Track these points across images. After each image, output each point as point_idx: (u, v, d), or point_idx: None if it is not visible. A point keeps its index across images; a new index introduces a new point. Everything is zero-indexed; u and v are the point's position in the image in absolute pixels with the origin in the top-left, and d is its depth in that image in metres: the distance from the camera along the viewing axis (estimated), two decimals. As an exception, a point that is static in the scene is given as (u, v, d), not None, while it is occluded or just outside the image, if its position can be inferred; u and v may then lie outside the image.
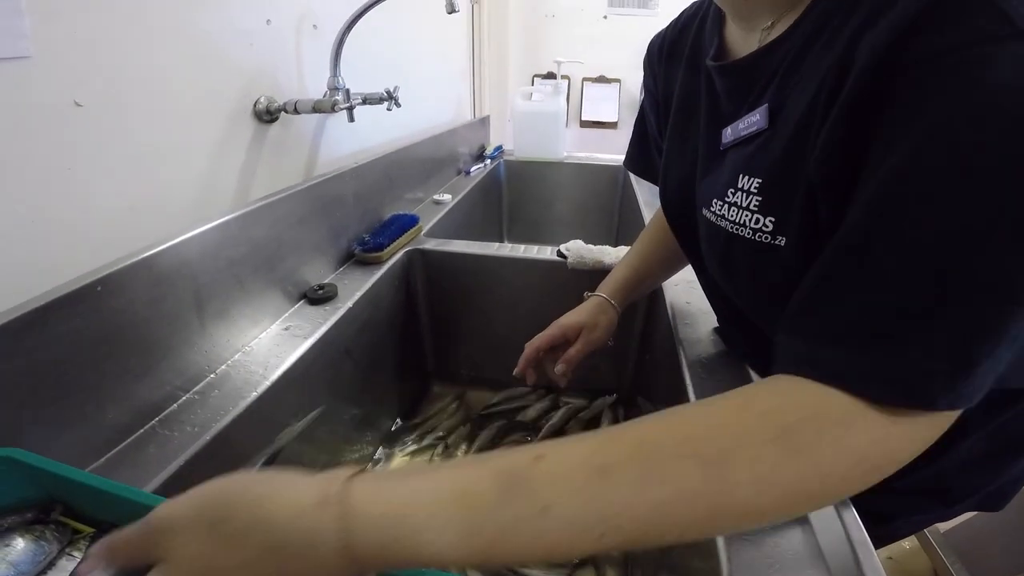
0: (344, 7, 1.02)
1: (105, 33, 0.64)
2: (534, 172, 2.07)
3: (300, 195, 0.89)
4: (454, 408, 1.16)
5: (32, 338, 0.49)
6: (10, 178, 0.55)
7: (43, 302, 0.50)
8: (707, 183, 0.56)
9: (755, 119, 0.49)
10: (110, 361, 0.57)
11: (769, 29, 0.50)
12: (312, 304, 0.88)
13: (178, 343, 0.66)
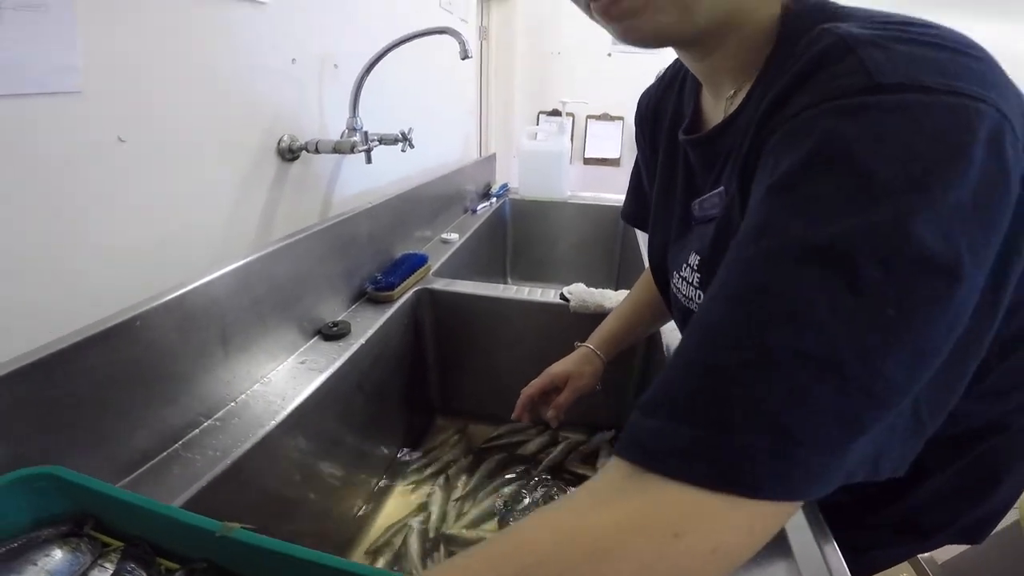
0: (362, 46, 1.08)
1: (148, 71, 0.68)
2: (538, 211, 2.13)
3: (318, 235, 0.94)
4: (456, 440, 1.20)
5: (76, 367, 0.54)
6: (53, 209, 0.58)
7: (87, 334, 0.55)
8: (674, 253, 0.60)
9: (715, 200, 0.52)
10: (141, 388, 0.61)
11: (732, 98, 0.53)
12: (326, 340, 0.93)
13: (202, 373, 0.70)
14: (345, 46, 1.08)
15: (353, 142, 0.96)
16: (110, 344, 0.57)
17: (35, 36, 0.57)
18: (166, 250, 0.72)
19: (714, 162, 0.54)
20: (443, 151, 1.83)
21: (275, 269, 0.83)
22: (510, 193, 2.19)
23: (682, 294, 0.55)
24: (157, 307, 0.63)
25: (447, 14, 1.73)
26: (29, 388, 0.50)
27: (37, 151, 0.57)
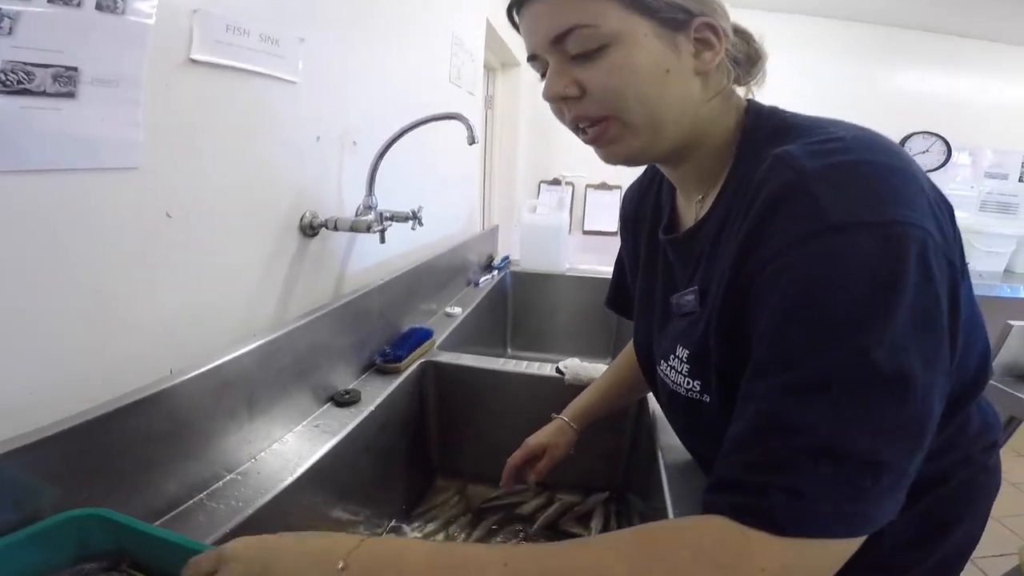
0: (378, 123, 1.21)
1: (196, 148, 0.76)
2: (538, 283, 2.23)
3: (336, 312, 1.05)
4: (456, 500, 1.26)
5: (119, 427, 0.62)
6: (103, 280, 0.65)
7: (135, 398, 0.64)
8: (660, 344, 0.70)
9: (690, 299, 0.62)
10: (173, 445, 0.70)
11: (701, 202, 0.64)
12: (339, 406, 1.03)
13: (228, 433, 0.79)
14: (364, 123, 1.20)
15: (369, 221, 1.06)
16: (151, 407, 0.66)
17: (107, 112, 0.62)
18: (196, 320, 0.80)
19: (689, 260, 0.64)
20: (449, 222, 1.94)
21: (297, 342, 0.94)
22: (511, 265, 2.29)
23: (670, 379, 0.63)
24: (197, 376, 0.73)
25: (456, 88, 1.87)
26: (79, 444, 0.58)
27: (95, 224, 0.64)
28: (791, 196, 0.46)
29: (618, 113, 0.56)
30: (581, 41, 0.54)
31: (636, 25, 0.54)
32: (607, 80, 0.55)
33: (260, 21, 0.84)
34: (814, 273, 0.43)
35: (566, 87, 0.57)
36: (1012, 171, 3.65)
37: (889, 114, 3.52)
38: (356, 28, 1.15)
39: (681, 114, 0.58)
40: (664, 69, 0.55)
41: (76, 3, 0.57)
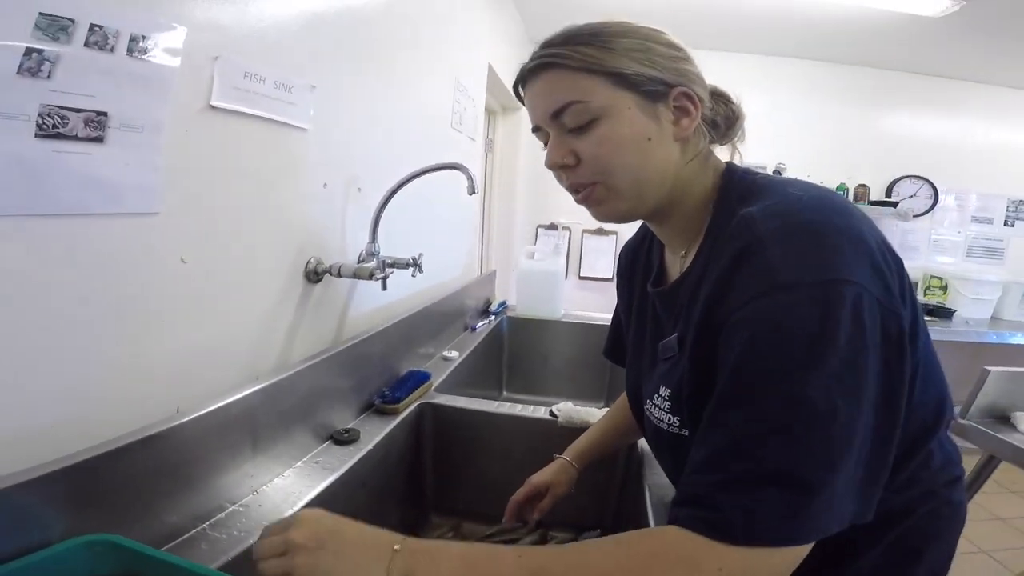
0: (382, 169, 1.25)
1: (210, 197, 0.78)
2: (534, 328, 2.27)
3: (338, 356, 1.08)
4: (450, 537, 1.25)
5: (132, 459, 0.65)
6: (116, 321, 0.67)
7: (144, 435, 0.66)
8: (647, 385, 0.76)
9: (672, 344, 0.68)
10: (181, 476, 0.72)
11: (684, 257, 0.71)
12: (338, 444, 1.05)
13: (232, 466, 0.81)
14: (369, 169, 1.25)
15: (371, 269, 1.09)
16: (159, 443, 0.68)
17: (131, 157, 0.64)
18: (204, 361, 0.82)
19: (672, 310, 0.71)
20: (448, 268, 1.99)
21: (300, 385, 0.96)
22: (508, 310, 2.33)
23: (654, 416, 0.70)
24: (206, 414, 0.75)
25: (457, 133, 1.93)
26: (90, 475, 0.60)
27: (112, 267, 0.66)
28: (749, 256, 0.54)
29: (605, 179, 0.64)
30: (575, 115, 0.62)
31: (621, 99, 0.62)
32: (597, 151, 0.63)
33: (275, 68, 0.89)
34: (762, 326, 0.51)
35: (564, 157, 0.65)
36: (997, 215, 3.69)
37: (878, 157, 3.60)
38: (364, 75, 1.21)
39: (662, 177, 0.65)
40: (646, 138, 0.63)
41: (110, 48, 0.61)
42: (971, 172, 3.64)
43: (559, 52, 0.63)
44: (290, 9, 0.93)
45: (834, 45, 3.21)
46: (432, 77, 1.66)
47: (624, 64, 0.61)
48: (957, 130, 3.61)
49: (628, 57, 0.62)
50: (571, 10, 2.87)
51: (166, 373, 0.76)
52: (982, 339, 3.03)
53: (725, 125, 0.71)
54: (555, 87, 0.64)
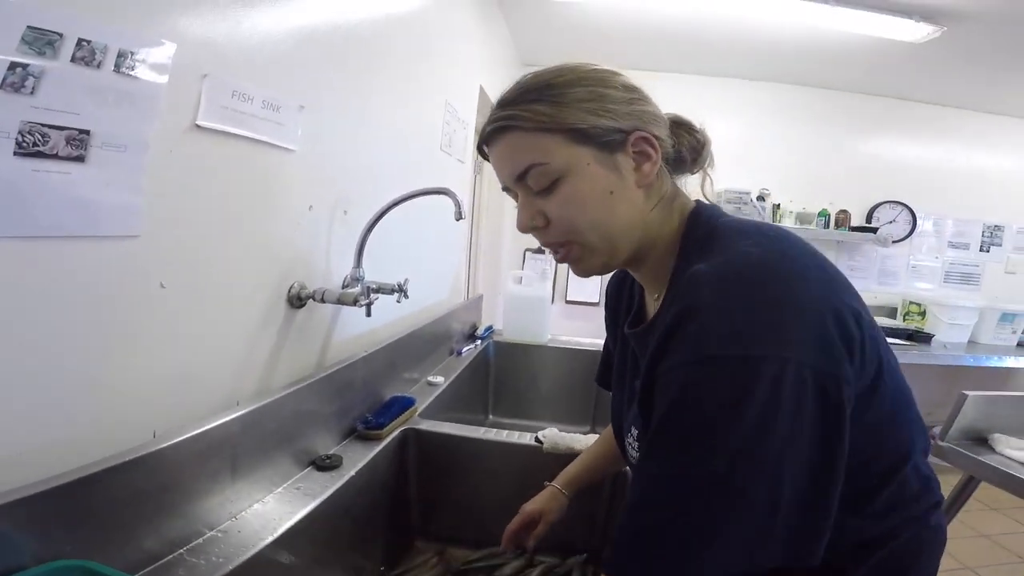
0: (369, 192, 1.24)
1: (192, 220, 0.77)
2: (520, 353, 2.26)
3: (321, 381, 1.06)
4: (435, 562, 1.23)
5: (107, 484, 0.63)
6: (93, 346, 0.66)
7: (123, 459, 0.65)
8: (626, 420, 0.76)
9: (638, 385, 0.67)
10: (158, 501, 0.70)
11: (657, 300, 0.72)
12: (319, 470, 1.02)
13: (210, 492, 0.79)
14: (355, 192, 1.24)
15: (356, 295, 1.08)
16: (136, 468, 0.67)
17: (113, 177, 0.62)
18: (182, 386, 0.80)
19: (644, 351, 0.69)
20: (434, 292, 1.97)
21: (281, 410, 0.94)
22: (494, 335, 2.32)
23: (631, 456, 0.72)
24: (184, 440, 0.73)
25: (446, 156, 1.93)
26: (64, 501, 0.58)
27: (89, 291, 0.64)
28: (687, 320, 0.54)
29: (575, 238, 0.65)
30: (537, 177, 0.63)
31: (579, 155, 0.62)
32: (563, 212, 0.64)
33: (264, 87, 0.88)
34: (680, 393, 0.53)
35: (532, 218, 0.66)
36: (973, 240, 3.78)
37: (859, 182, 3.67)
38: (353, 95, 1.21)
39: (630, 227, 0.66)
40: (608, 192, 0.63)
41: (96, 63, 0.59)
42: (948, 197, 3.72)
43: (514, 114, 0.63)
44: (282, 27, 0.93)
45: (817, 70, 3.29)
46: (422, 99, 1.67)
47: (578, 118, 0.62)
48: (935, 155, 3.70)
49: (581, 109, 0.62)
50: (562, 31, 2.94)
51: (143, 398, 0.74)
52: (959, 362, 3.10)
53: (691, 156, 0.71)
54: (515, 150, 0.64)
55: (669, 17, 2.69)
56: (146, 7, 0.66)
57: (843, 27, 2.51)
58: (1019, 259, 3.80)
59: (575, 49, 3.20)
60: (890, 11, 2.32)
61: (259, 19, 0.86)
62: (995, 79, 3.07)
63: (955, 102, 3.57)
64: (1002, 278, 3.80)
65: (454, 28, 1.94)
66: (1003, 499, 2.77)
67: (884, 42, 2.63)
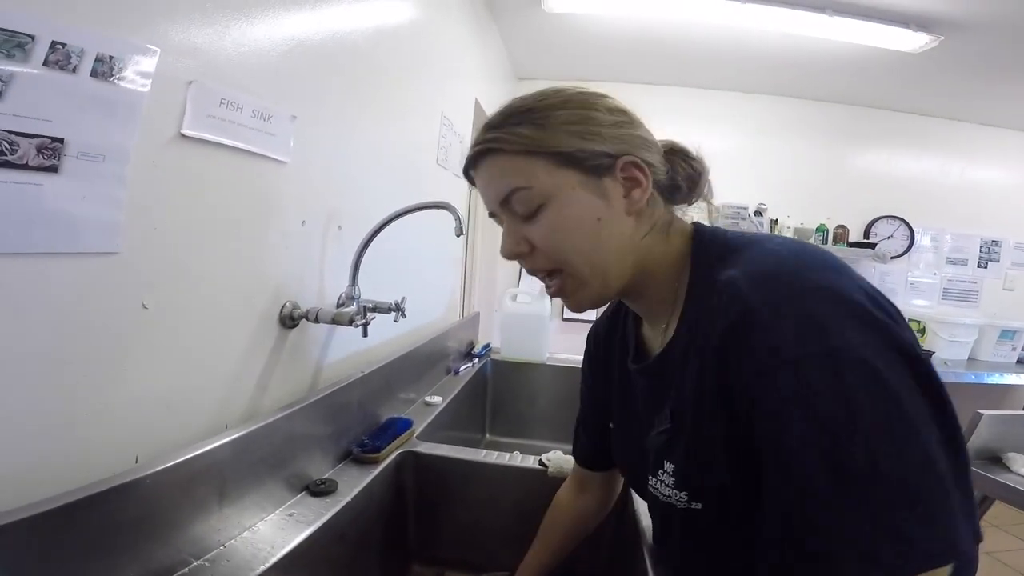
0: (364, 207, 1.20)
1: (177, 236, 0.73)
2: (518, 371, 2.22)
3: (314, 404, 1.01)
4: None
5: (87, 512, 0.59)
6: (69, 370, 0.62)
7: (108, 486, 0.61)
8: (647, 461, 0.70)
9: (665, 416, 0.64)
10: (141, 529, 0.66)
11: (665, 329, 0.68)
12: (313, 496, 0.98)
13: (197, 521, 0.75)
14: (350, 206, 1.20)
15: (351, 314, 1.03)
16: (117, 496, 0.63)
17: (90, 189, 0.58)
18: (167, 409, 0.77)
19: (659, 382, 0.67)
20: (431, 310, 1.94)
21: (272, 434, 0.89)
22: (491, 353, 2.28)
23: (661, 493, 0.65)
24: (168, 467, 0.69)
25: (442, 170, 1.90)
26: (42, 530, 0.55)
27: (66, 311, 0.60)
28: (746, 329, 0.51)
29: (563, 266, 0.63)
30: (521, 202, 0.61)
31: (565, 179, 0.60)
32: (548, 238, 0.61)
33: (254, 96, 0.85)
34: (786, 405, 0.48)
35: (517, 244, 0.64)
36: (971, 256, 3.76)
37: (856, 197, 3.66)
38: (348, 107, 1.18)
39: (620, 256, 0.63)
40: (595, 218, 0.61)
41: (72, 68, 0.56)
42: (946, 212, 3.71)
43: (497, 136, 0.62)
44: (273, 34, 0.90)
45: (814, 82, 3.30)
46: (418, 111, 1.64)
47: (563, 141, 0.60)
48: (932, 168, 3.70)
49: (566, 132, 0.60)
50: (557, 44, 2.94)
51: (124, 423, 0.70)
52: (960, 379, 3.06)
53: (688, 185, 0.68)
54: (498, 174, 0.63)
55: (664, 30, 2.70)
56: (128, 10, 0.63)
57: (840, 37, 2.52)
58: (1017, 275, 3.78)
59: (570, 62, 3.20)
60: (887, 21, 2.33)
61: (250, 25, 0.83)
62: (992, 90, 3.07)
63: (952, 114, 3.57)
64: (1000, 294, 3.77)
65: (449, 40, 1.93)
66: (1004, 516, 2.81)
67: (881, 52, 2.64)
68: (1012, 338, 3.35)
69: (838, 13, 2.31)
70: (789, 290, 0.51)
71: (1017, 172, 3.71)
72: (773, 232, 3.48)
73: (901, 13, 2.30)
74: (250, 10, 0.83)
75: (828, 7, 2.30)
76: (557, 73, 3.43)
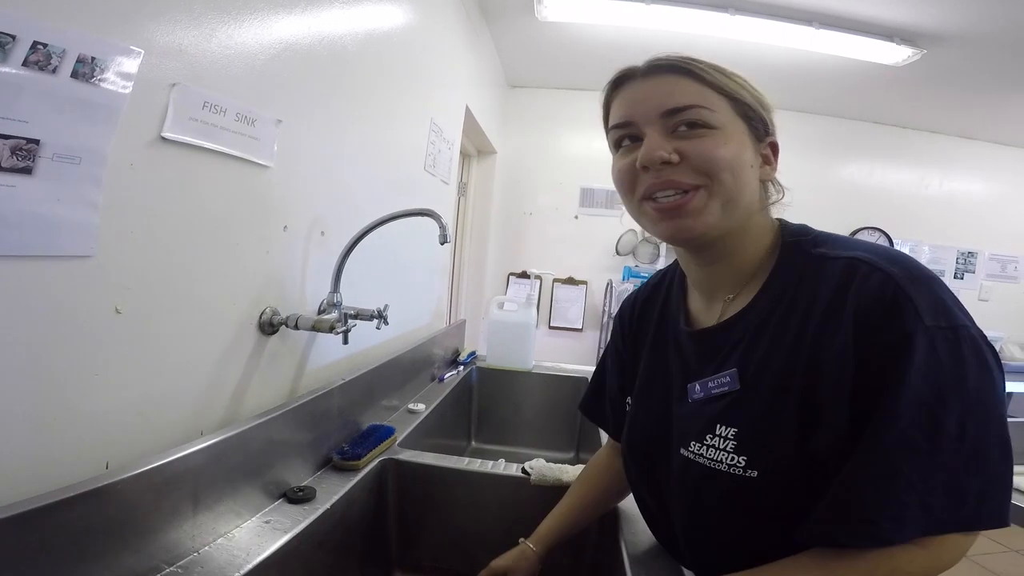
0: (348, 212, 1.19)
1: (153, 240, 0.72)
2: (504, 379, 2.22)
3: (293, 411, 1.00)
4: None
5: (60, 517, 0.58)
6: (42, 373, 0.61)
7: (74, 492, 0.60)
8: (684, 427, 0.72)
9: (725, 380, 0.67)
10: (114, 534, 0.65)
11: (731, 301, 0.71)
12: (291, 503, 0.97)
13: (170, 527, 0.74)
14: (334, 212, 1.19)
15: (332, 321, 1.02)
16: (95, 499, 0.62)
17: (65, 191, 0.58)
18: (140, 414, 0.75)
19: (718, 350, 0.70)
20: (415, 317, 1.93)
21: (249, 441, 0.88)
22: (477, 361, 2.28)
23: (706, 458, 0.67)
24: (140, 473, 0.68)
25: (430, 176, 1.89)
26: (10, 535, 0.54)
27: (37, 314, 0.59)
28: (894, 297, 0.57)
29: (709, 181, 0.64)
30: (695, 120, 0.64)
31: (738, 124, 0.66)
32: (711, 152, 0.63)
33: (239, 99, 0.84)
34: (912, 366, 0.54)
35: (669, 153, 0.64)
36: (948, 267, 3.83)
37: (839, 209, 3.72)
38: (335, 112, 1.17)
39: (748, 204, 0.68)
40: (749, 163, 0.66)
41: (52, 68, 0.55)
42: (924, 223, 3.78)
43: (695, 63, 0.66)
44: (261, 38, 0.89)
45: (798, 94, 3.35)
46: (407, 117, 1.64)
47: (746, 96, 0.67)
48: (912, 180, 3.77)
49: (748, 92, 0.68)
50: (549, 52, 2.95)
51: (95, 429, 0.69)
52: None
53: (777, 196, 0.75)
54: (683, 89, 0.65)
55: (655, 40, 2.71)
56: (111, 11, 0.63)
57: (826, 50, 2.56)
58: (992, 286, 3.86)
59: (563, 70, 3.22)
60: (872, 34, 2.38)
61: (237, 28, 0.83)
62: (971, 103, 3.14)
63: (931, 126, 3.65)
64: (976, 305, 3.84)
65: (441, 46, 1.93)
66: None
67: (865, 65, 2.69)
68: (991, 349, 3.39)
69: (824, 26, 2.35)
70: (918, 271, 0.59)
71: (991, 184, 3.80)
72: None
73: (886, 26, 2.35)
74: (238, 13, 0.83)
75: (815, 20, 2.34)
76: (549, 81, 3.45)
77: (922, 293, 0.56)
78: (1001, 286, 3.88)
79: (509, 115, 3.52)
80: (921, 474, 0.53)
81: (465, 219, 3.21)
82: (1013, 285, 3.88)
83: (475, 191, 3.21)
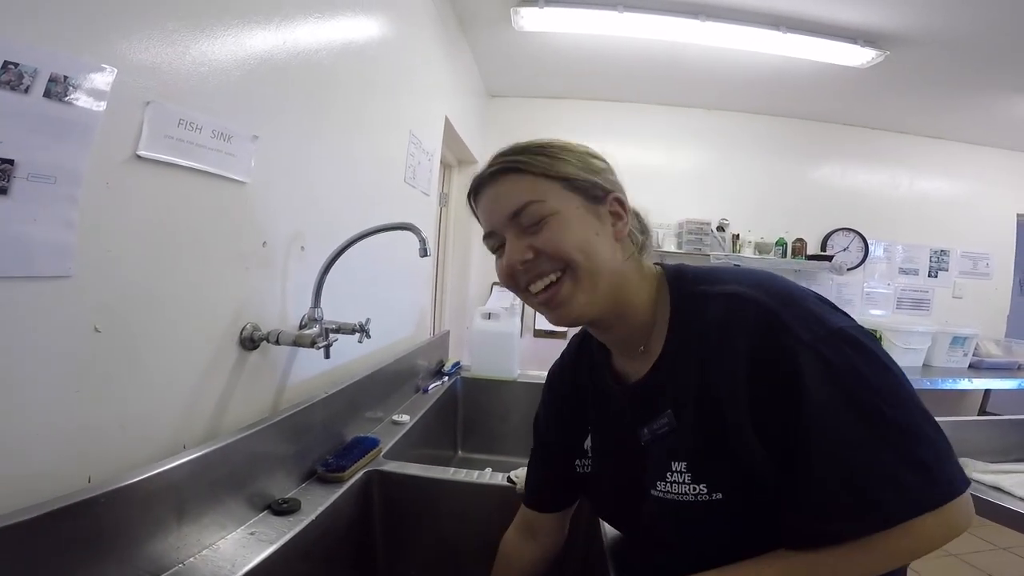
0: (328, 227, 1.19)
1: (131, 258, 0.72)
2: (489, 388, 2.22)
3: (277, 425, 1.00)
4: None
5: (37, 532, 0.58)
6: (21, 392, 0.61)
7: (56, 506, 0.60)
8: (646, 473, 0.74)
9: (664, 421, 0.72)
10: (98, 547, 0.65)
11: (643, 351, 0.76)
12: (276, 515, 0.97)
13: (154, 538, 0.74)
14: (313, 227, 1.19)
15: (313, 336, 1.03)
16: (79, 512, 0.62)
17: (41, 211, 0.58)
18: (121, 430, 0.75)
19: (652, 397, 0.74)
20: (398, 329, 1.92)
21: (232, 454, 0.88)
22: (462, 371, 2.28)
23: (673, 494, 0.70)
24: (125, 487, 0.68)
25: (410, 188, 1.89)
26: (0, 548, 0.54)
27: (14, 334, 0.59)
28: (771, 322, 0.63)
29: (566, 264, 0.70)
30: (532, 215, 0.70)
31: (570, 200, 0.71)
32: (554, 238, 0.70)
33: (214, 116, 0.85)
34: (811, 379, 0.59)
35: (524, 252, 0.71)
36: (922, 266, 3.91)
37: (812, 210, 3.78)
38: (312, 126, 1.18)
39: (611, 271, 0.72)
40: (594, 232, 0.72)
41: (24, 88, 0.55)
42: (897, 223, 3.86)
43: (519, 159, 0.72)
44: (236, 53, 0.90)
45: (769, 98, 3.42)
46: (386, 129, 1.65)
47: (572, 171, 0.72)
48: (883, 181, 3.85)
49: (573, 166, 0.73)
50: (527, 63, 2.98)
51: (75, 446, 0.69)
52: (917, 386, 3.11)
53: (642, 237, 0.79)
54: (518, 188, 0.71)
55: (630, 48, 2.76)
56: (83, 29, 0.64)
57: (794, 54, 2.62)
58: (964, 283, 3.94)
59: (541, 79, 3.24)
60: (837, 37, 2.45)
61: (211, 44, 0.83)
62: (935, 104, 3.23)
63: (899, 127, 3.73)
64: (950, 302, 3.93)
65: (418, 57, 1.94)
66: (964, 521, 2.94)
67: (833, 68, 2.75)
68: (963, 344, 3.49)
69: (791, 30, 2.41)
70: (785, 292, 0.66)
71: (960, 183, 3.89)
72: (736, 248, 3.60)
73: (849, 29, 2.42)
74: (212, 28, 0.84)
75: (782, 24, 2.41)
76: (528, 90, 3.48)
77: (793, 312, 0.63)
78: (973, 283, 3.95)
79: (488, 125, 3.53)
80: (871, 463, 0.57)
81: (447, 230, 3.21)
82: (985, 282, 3.96)
83: (456, 201, 3.21)
